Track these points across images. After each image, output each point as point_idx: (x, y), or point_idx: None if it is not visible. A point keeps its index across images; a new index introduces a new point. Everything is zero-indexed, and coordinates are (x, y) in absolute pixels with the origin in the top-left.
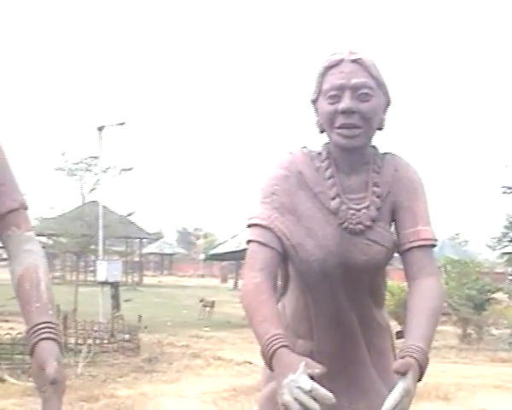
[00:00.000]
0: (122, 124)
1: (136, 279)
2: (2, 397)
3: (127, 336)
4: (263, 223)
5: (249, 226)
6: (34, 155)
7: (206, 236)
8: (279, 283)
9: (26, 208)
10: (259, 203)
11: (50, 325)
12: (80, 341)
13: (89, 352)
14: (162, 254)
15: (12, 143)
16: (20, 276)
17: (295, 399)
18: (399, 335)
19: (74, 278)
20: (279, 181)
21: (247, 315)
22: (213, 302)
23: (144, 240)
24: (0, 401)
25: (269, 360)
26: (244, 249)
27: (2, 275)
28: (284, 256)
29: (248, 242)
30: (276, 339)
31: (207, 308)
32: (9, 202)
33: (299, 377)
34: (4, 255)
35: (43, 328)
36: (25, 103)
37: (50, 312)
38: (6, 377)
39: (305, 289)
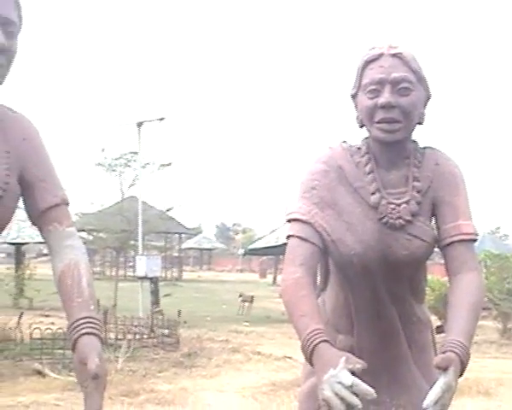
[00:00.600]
0: (161, 119)
1: (176, 274)
2: (44, 392)
3: (167, 332)
4: (303, 218)
5: (289, 221)
6: (74, 150)
7: (244, 231)
8: (318, 278)
9: (67, 204)
10: (299, 198)
11: (92, 320)
12: (120, 336)
13: (129, 347)
14: (201, 249)
15: (53, 139)
16: (61, 272)
17: (336, 394)
18: (439, 330)
19: (114, 273)
20: (319, 176)
21: (287, 310)
22: (252, 297)
23: (183, 235)
24: (41, 396)
25: (309, 355)
26: (283, 244)
27: (42, 270)
28: (324, 251)
29: (288, 237)
30: (317, 334)
31: (246, 303)
32: (51, 198)
33: (340, 373)
34: (45, 251)
35: (84, 323)
36: (65, 99)
37: (92, 307)
38: (47, 371)
39: (345, 284)
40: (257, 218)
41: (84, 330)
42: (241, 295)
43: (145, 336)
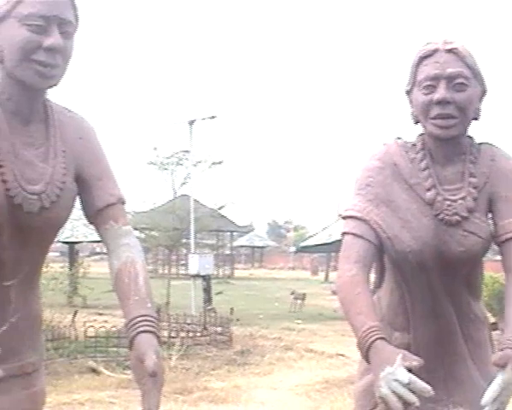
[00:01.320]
0: (213, 117)
1: (228, 272)
2: (98, 389)
3: (219, 329)
4: (358, 215)
5: (344, 218)
6: (127, 149)
7: (296, 228)
8: (373, 275)
9: (123, 203)
10: (354, 195)
11: (149, 318)
12: (173, 334)
13: (182, 345)
14: (253, 247)
15: (106, 138)
16: (118, 270)
17: (393, 392)
18: (493, 327)
19: (166, 271)
20: (374, 173)
21: (342, 308)
22: (304, 295)
23: (235, 233)
24: (96, 393)
25: (365, 352)
26: (335, 241)
27: (95, 269)
28: (379, 248)
29: (343, 234)
30: (373, 331)
31: (298, 301)
32: (107, 197)
33: (397, 370)
34: (98, 249)
35: (141, 321)
36: (118, 98)
37: (149, 305)
38: (101, 369)
39: (400, 281)
40: (309, 215)
41: (141, 328)
42: (293, 293)
43: (198, 334)
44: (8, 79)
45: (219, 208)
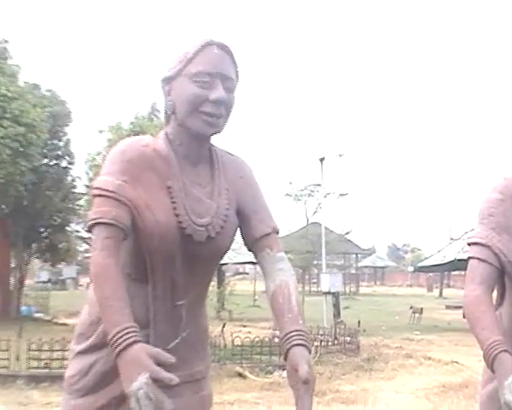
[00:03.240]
0: (341, 155)
1: (353, 289)
2: (245, 391)
3: (348, 339)
4: (482, 241)
5: (469, 245)
6: (266, 182)
7: (413, 250)
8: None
9: (277, 232)
10: (478, 224)
11: (301, 333)
12: None
13: (316, 353)
14: (375, 267)
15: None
16: (273, 292)
17: None
18: None
19: (300, 289)
20: (495, 204)
21: (469, 323)
22: (422, 309)
23: (359, 255)
24: (243, 395)
25: (490, 363)
26: (448, 262)
27: (240, 287)
28: (501, 271)
29: (469, 258)
30: (497, 345)
31: (416, 314)
32: (264, 228)
33: None
34: (241, 270)
35: (294, 335)
36: (258, 138)
37: (300, 321)
38: (247, 374)
39: None
40: (424, 238)
41: (294, 342)
42: (411, 307)
43: (329, 343)
44: (179, 128)
45: (346, 234)
